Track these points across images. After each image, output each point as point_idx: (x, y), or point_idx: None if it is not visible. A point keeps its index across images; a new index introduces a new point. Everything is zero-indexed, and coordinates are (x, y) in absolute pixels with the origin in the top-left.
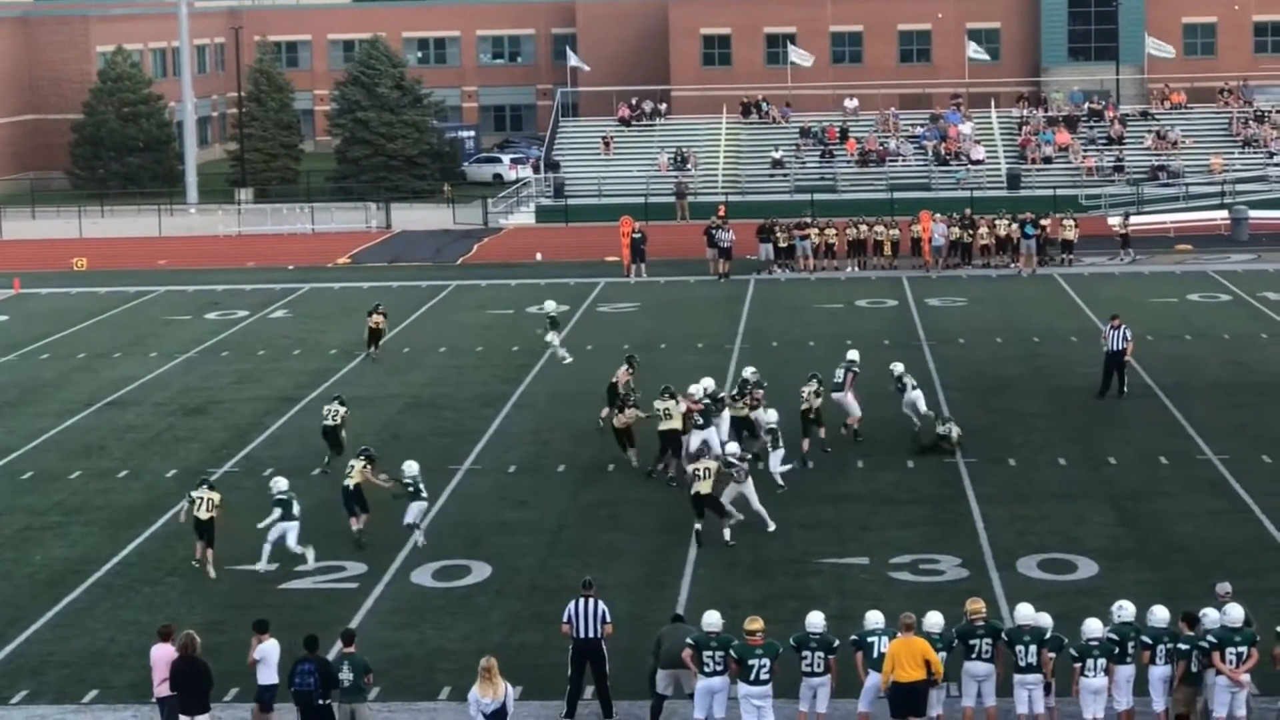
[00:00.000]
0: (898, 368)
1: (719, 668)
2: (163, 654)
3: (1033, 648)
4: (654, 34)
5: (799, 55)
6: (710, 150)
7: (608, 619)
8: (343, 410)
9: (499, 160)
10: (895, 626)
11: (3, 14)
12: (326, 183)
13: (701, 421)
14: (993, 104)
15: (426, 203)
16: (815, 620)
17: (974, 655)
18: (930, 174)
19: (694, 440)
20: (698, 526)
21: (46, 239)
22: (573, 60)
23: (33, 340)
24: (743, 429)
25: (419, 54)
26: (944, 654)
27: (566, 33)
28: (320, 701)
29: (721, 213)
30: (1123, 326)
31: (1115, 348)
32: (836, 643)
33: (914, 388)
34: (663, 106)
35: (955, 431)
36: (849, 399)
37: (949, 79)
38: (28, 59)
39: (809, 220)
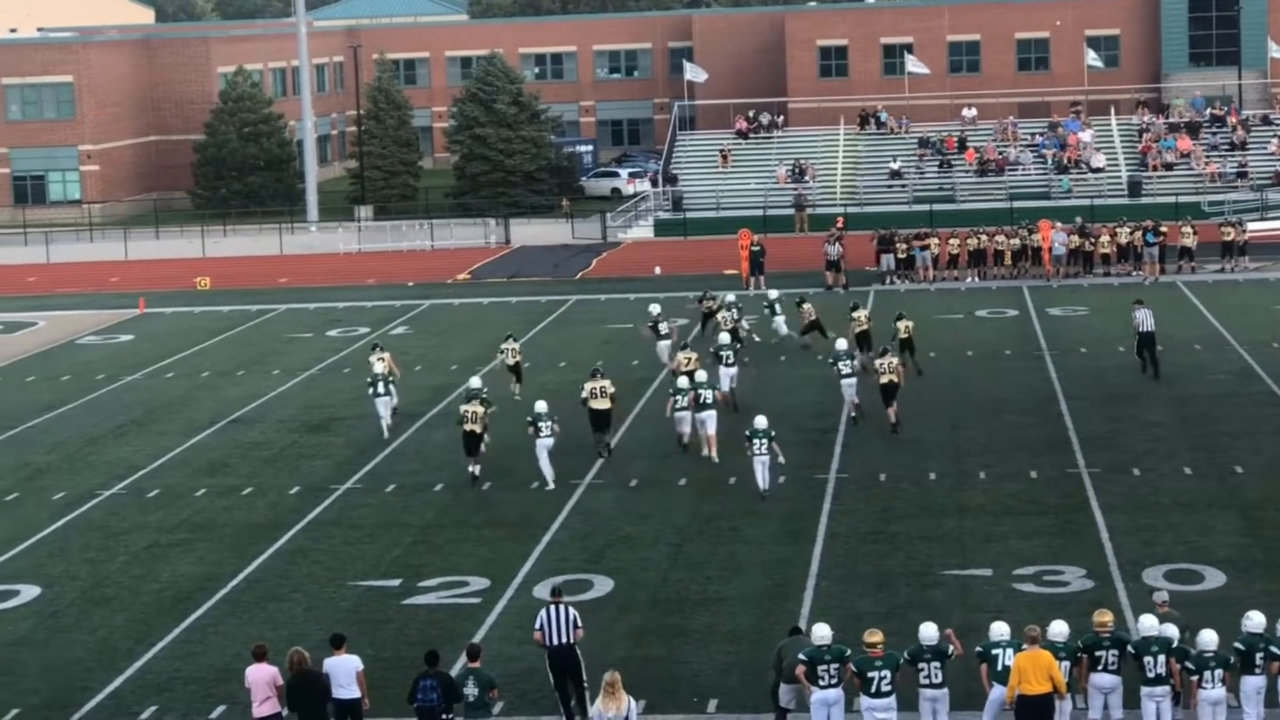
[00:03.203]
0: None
1: (834, 680)
2: (259, 674)
3: (1161, 658)
4: (770, 46)
5: (916, 65)
6: (828, 162)
7: (579, 624)
8: (481, 411)
9: (617, 174)
10: (1020, 638)
11: (126, 37)
12: (445, 199)
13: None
14: (1112, 111)
15: (545, 218)
16: (929, 632)
17: (1100, 667)
18: (1049, 183)
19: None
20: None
21: (170, 259)
22: (690, 72)
23: (157, 359)
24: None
25: (536, 69)
26: (1067, 664)
27: (683, 46)
28: (444, 716)
29: (840, 224)
30: (1147, 308)
31: (1148, 328)
32: (951, 650)
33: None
34: (780, 119)
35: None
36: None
37: (1068, 86)
38: (150, 81)
39: (928, 231)
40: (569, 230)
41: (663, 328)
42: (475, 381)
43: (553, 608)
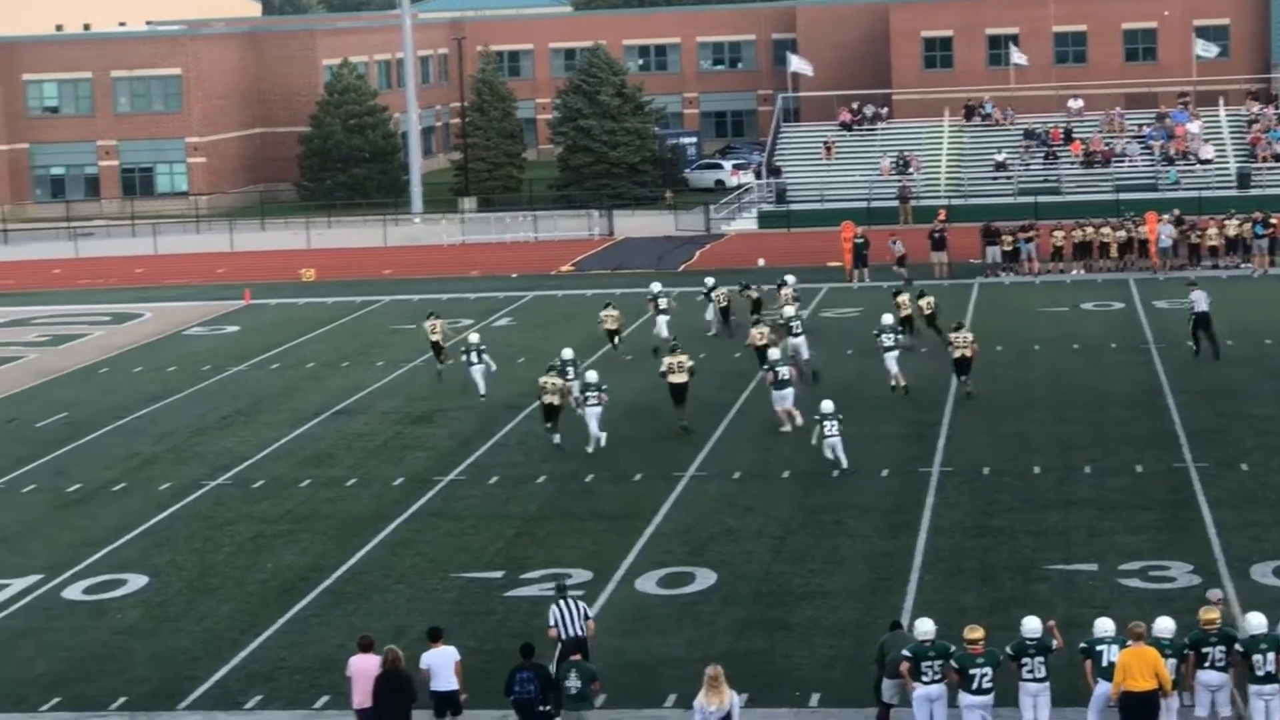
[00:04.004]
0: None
1: (938, 676)
2: (363, 665)
3: (1270, 656)
4: (875, 37)
5: (1021, 56)
6: (932, 154)
7: (589, 616)
8: (560, 382)
9: (721, 166)
10: (1125, 635)
11: (233, 30)
12: (549, 191)
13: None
14: (1221, 102)
15: (648, 209)
16: (1032, 625)
17: (1207, 664)
18: (1156, 174)
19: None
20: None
21: (275, 250)
22: (796, 64)
23: (263, 350)
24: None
25: (640, 61)
26: (1173, 661)
27: (787, 38)
28: (541, 709)
29: (942, 216)
30: (1202, 289)
31: (1202, 309)
32: (1054, 643)
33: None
34: (884, 110)
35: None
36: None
37: (1176, 77)
38: (257, 73)
39: (1033, 223)
40: (672, 222)
41: (662, 303)
42: (567, 353)
43: (564, 603)
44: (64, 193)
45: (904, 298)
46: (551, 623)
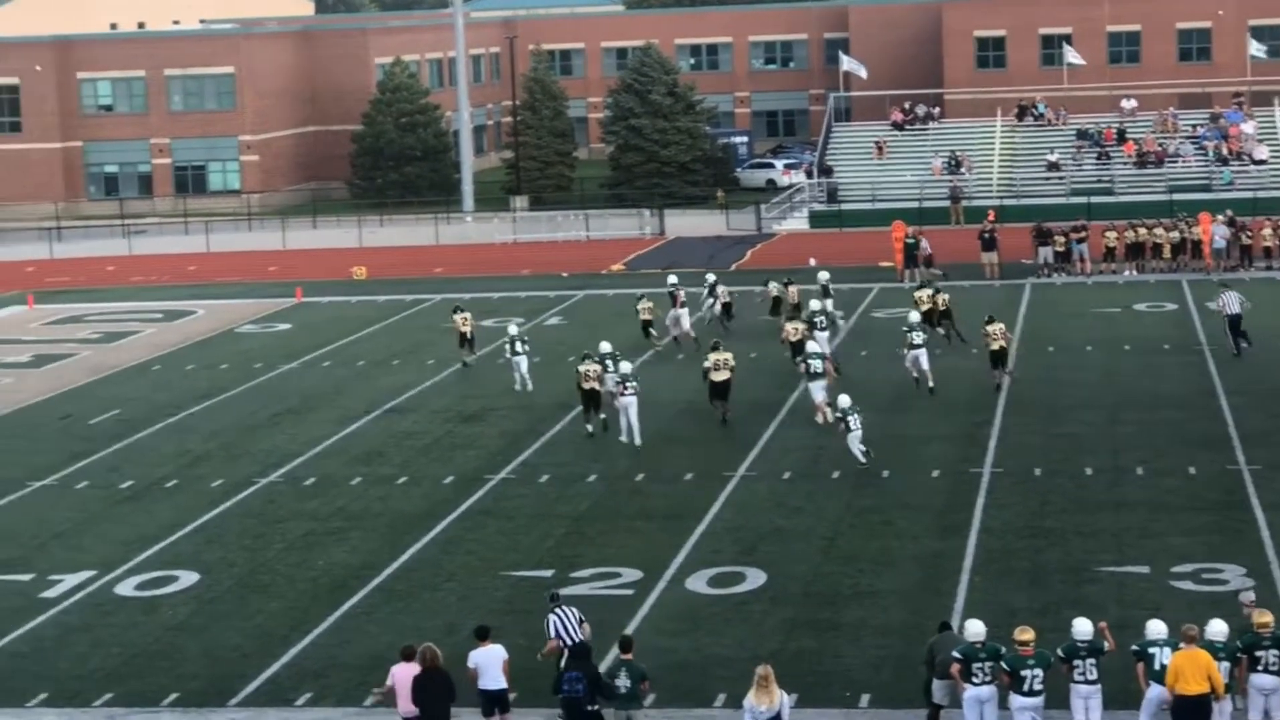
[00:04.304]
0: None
1: (988, 678)
2: (405, 674)
3: None
4: (927, 37)
5: (1075, 56)
6: (984, 154)
7: (583, 620)
8: (599, 369)
9: (772, 166)
10: (1177, 637)
11: (286, 29)
12: (600, 189)
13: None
14: (1276, 102)
15: (700, 209)
16: (1084, 627)
17: (1260, 668)
18: (1210, 175)
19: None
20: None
21: (327, 248)
22: (849, 64)
23: (314, 348)
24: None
25: (691, 60)
26: (1226, 664)
27: (839, 37)
28: (589, 708)
29: (991, 217)
30: (1233, 291)
31: (1233, 311)
32: (1106, 645)
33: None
34: (936, 110)
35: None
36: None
37: (1230, 77)
38: (309, 72)
39: (1085, 223)
40: (724, 221)
41: (682, 295)
42: (605, 346)
43: (559, 611)
44: (117, 190)
45: (924, 293)
46: (551, 634)
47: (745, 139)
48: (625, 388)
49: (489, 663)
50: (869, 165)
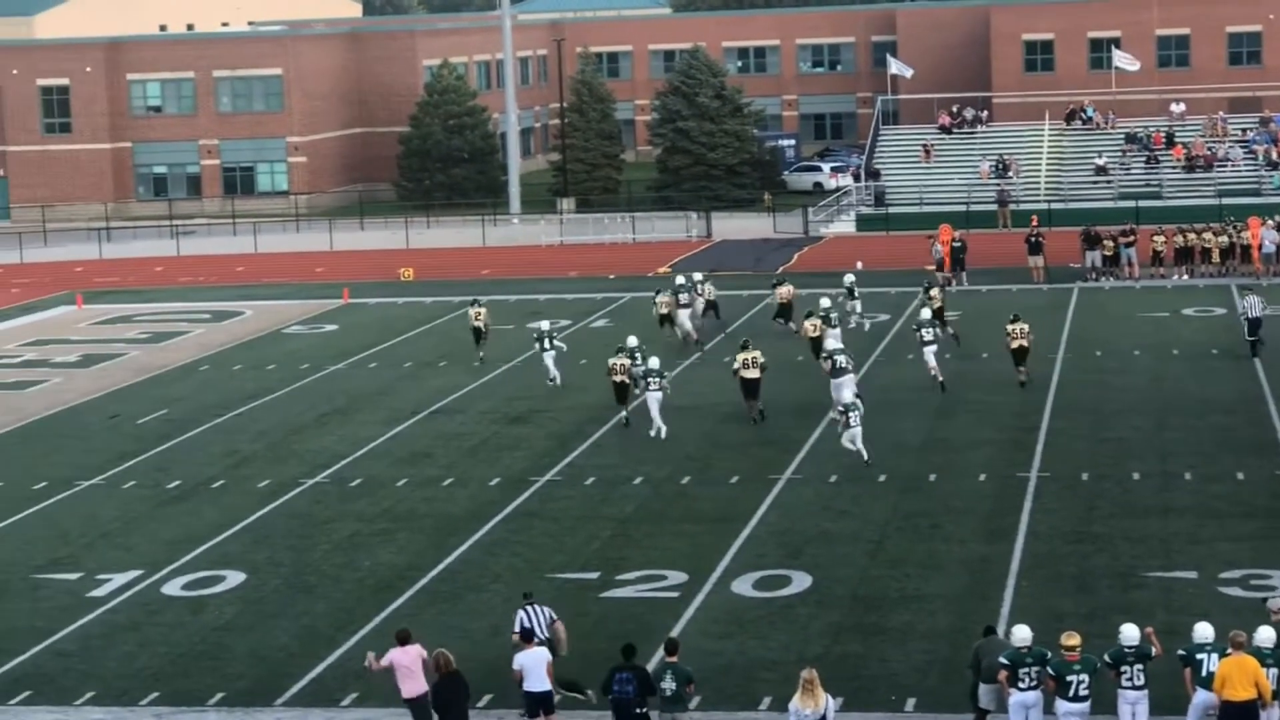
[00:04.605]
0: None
1: (1034, 683)
2: (404, 656)
3: None
4: (975, 40)
5: (1124, 60)
6: (1032, 157)
7: (555, 619)
8: (628, 363)
9: (819, 169)
10: (1225, 643)
11: (334, 30)
12: (647, 192)
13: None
14: None
15: (747, 212)
16: (1131, 633)
17: None
18: (1260, 179)
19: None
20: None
21: (374, 250)
22: (896, 67)
23: (361, 349)
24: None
25: (739, 63)
26: (1274, 671)
27: (886, 40)
28: (639, 710)
29: (1035, 222)
30: (1255, 295)
31: (1254, 315)
32: (1153, 651)
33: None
34: (984, 113)
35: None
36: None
37: None
38: (357, 74)
39: (1134, 227)
40: (770, 224)
41: (683, 297)
42: (632, 340)
43: (529, 608)
44: (166, 191)
45: (935, 291)
46: (516, 627)
47: (792, 142)
48: (650, 383)
49: (534, 665)
50: (916, 168)
